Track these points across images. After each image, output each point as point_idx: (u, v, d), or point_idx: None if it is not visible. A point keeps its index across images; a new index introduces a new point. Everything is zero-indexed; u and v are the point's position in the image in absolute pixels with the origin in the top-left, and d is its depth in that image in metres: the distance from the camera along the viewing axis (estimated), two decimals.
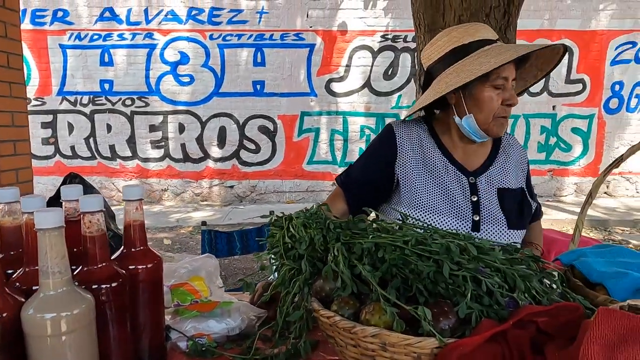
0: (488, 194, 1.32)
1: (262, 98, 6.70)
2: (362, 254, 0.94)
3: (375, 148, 1.44)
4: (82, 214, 0.82)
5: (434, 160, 1.35)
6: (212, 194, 6.94)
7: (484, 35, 1.28)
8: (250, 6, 6.52)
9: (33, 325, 0.72)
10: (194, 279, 1.10)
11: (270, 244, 1.04)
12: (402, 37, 6.58)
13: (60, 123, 6.72)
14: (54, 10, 6.46)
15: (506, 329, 0.77)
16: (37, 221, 0.72)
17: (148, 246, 0.95)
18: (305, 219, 1.02)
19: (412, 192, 1.31)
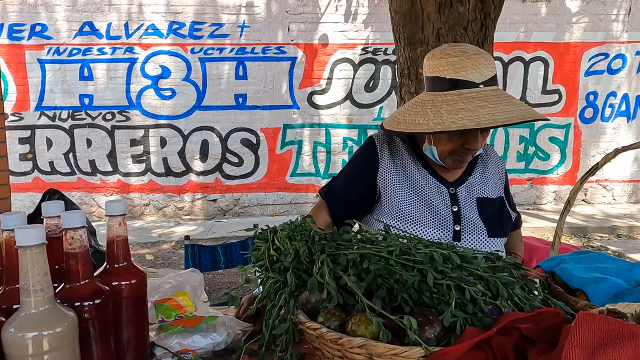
0: (468, 203, 1.35)
1: (244, 111, 6.69)
2: (347, 265, 0.95)
3: (357, 160, 1.47)
4: (64, 230, 0.82)
5: (415, 171, 1.38)
6: (194, 208, 6.87)
7: (468, 76, 1.21)
8: (231, 20, 6.54)
9: (14, 345, 0.71)
10: (179, 294, 1.09)
11: (255, 257, 1.04)
12: (382, 49, 6.67)
13: (39, 139, 6.60)
14: (32, 25, 6.38)
15: (490, 336, 0.78)
16: (18, 238, 0.71)
17: (131, 261, 0.95)
18: (290, 231, 1.03)
19: (394, 203, 1.33)
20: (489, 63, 1.25)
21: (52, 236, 0.92)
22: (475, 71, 1.22)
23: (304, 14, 6.58)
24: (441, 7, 3.13)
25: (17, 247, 0.71)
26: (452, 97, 1.20)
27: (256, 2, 6.53)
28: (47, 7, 6.41)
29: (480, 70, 1.22)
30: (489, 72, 1.23)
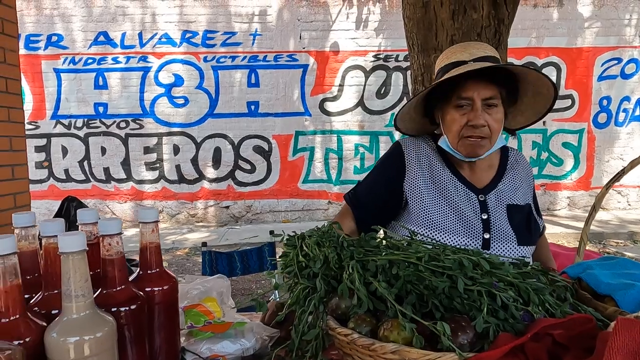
0: (498, 211, 1.31)
1: (256, 118, 6.74)
2: (377, 271, 0.95)
3: (383, 166, 1.45)
4: (101, 236, 0.83)
5: (443, 178, 1.35)
6: (207, 215, 6.91)
7: (458, 57, 1.29)
8: (243, 28, 6.61)
9: (56, 349, 0.72)
10: (207, 300, 1.11)
11: (284, 263, 1.05)
12: (393, 56, 6.69)
13: (54, 147, 6.70)
14: (48, 35, 6.50)
15: (524, 342, 0.78)
16: (61, 245, 0.72)
17: (164, 268, 0.96)
18: (318, 237, 1.03)
19: (423, 211, 1.31)
20: (482, 47, 1.30)
21: (88, 243, 0.93)
22: (465, 52, 1.29)
23: (315, 21, 6.62)
24: (455, 13, 3.14)
25: (59, 253, 0.73)
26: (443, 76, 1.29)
27: (268, 11, 6.59)
28: (63, 17, 6.52)
29: (470, 50, 1.29)
30: (480, 52, 1.28)
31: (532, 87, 1.32)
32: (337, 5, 6.61)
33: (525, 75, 1.29)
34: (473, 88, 1.24)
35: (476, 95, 1.24)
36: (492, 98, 1.25)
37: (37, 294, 0.86)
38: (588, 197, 6.96)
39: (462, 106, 1.26)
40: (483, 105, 1.24)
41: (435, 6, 3.17)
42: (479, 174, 1.37)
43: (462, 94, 1.25)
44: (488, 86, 1.24)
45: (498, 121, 1.26)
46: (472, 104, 1.25)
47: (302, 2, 6.60)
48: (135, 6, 6.54)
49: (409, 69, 6.74)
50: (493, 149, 1.29)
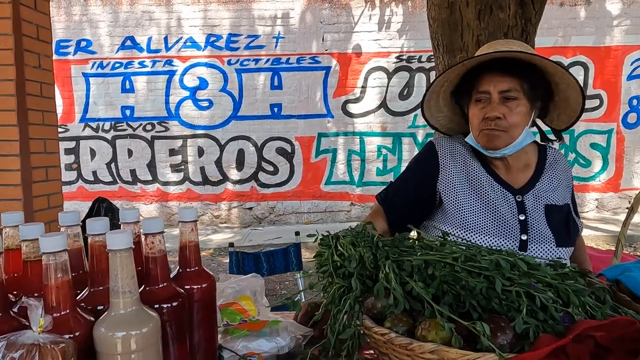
0: (536, 212, 1.28)
1: (279, 120, 6.78)
2: (412, 271, 0.96)
3: (417, 165, 1.43)
4: (144, 235, 0.86)
5: (479, 178, 1.32)
6: (231, 216, 6.98)
7: (483, 51, 1.30)
8: (266, 31, 6.66)
9: (104, 343, 0.75)
10: (242, 298, 1.12)
11: (319, 263, 1.06)
12: (416, 57, 6.66)
13: (83, 149, 6.86)
14: (77, 41, 6.67)
15: (566, 344, 0.77)
16: (109, 243, 0.75)
17: (202, 266, 0.98)
18: (352, 237, 1.04)
19: (458, 211, 1.29)
20: (509, 43, 1.30)
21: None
22: (490, 48, 1.29)
23: (338, 23, 6.64)
24: (481, 13, 3.11)
25: (108, 251, 0.75)
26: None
27: (291, 14, 6.64)
28: (91, 23, 6.69)
29: (496, 47, 1.29)
30: (504, 47, 1.27)
31: (560, 81, 1.28)
32: (360, 7, 6.61)
33: (546, 67, 1.26)
34: (489, 81, 1.25)
35: (492, 88, 1.24)
36: (509, 90, 1.23)
37: (81, 291, 0.89)
38: (617, 199, 6.79)
39: (480, 100, 1.27)
40: (501, 98, 1.24)
41: (460, 6, 3.14)
42: (515, 173, 1.34)
43: (480, 88, 1.26)
44: (505, 79, 1.24)
45: (518, 114, 1.24)
46: (488, 97, 1.25)
47: (324, 4, 6.63)
48: (160, 11, 6.66)
49: (432, 69, 6.72)
50: (518, 143, 1.27)
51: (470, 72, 1.30)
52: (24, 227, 0.83)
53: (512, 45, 1.30)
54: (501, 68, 1.24)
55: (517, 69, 1.23)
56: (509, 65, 1.23)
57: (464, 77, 1.33)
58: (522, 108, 1.24)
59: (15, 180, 2.76)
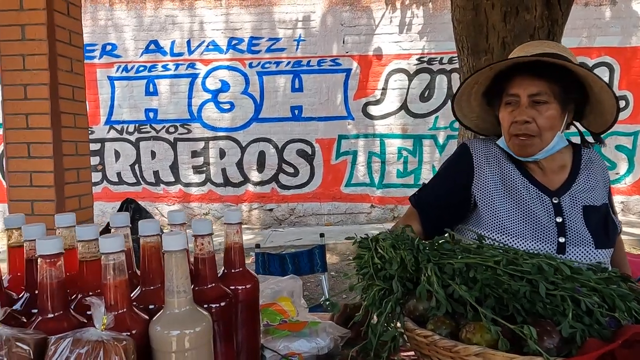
0: (573, 213, 1.26)
1: (300, 122, 6.82)
2: (454, 274, 0.97)
3: (450, 167, 1.43)
4: (195, 237, 0.88)
5: (514, 180, 1.31)
6: (252, 218, 7.04)
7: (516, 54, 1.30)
8: (287, 34, 6.71)
9: (160, 341, 0.77)
10: (281, 299, 1.14)
11: (359, 265, 1.07)
12: (437, 59, 6.63)
13: (108, 151, 6.99)
14: (103, 45, 6.81)
15: (614, 349, 0.77)
16: (165, 244, 0.78)
17: (246, 267, 1.00)
18: (392, 240, 1.05)
19: (493, 214, 1.28)
20: (542, 45, 1.29)
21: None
22: (523, 50, 1.30)
23: (358, 26, 6.65)
24: (506, 15, 3.09)
25: (164, 252, 0.78)
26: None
27: (312, 16, 6.67)
28: (116, 27, 6.82)
29: (529, 49, 1.29)
30: (538, 50, 1.26)
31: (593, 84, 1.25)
32: (381, 9, 6.61)
33: (577, 71, 1.23)
34: (519, 84, 1.24)
35: (522, 91, 1.23)
36: (539, 94, 1.22)
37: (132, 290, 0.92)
38: None
39: (510, 103, 1.27)
40: (531, 102, 1.22)
41: (486, 8, 3.13)
42: (550, 175, 1.32)
43: (510, 91, 1.26)
44: (535, 82, 1.22)
45: (549, 118, 1.23)
46: (517, 101, 1.24)
47: (345, 6, 6.65)
48: (184, 15, 6.76)
49: (454, 71, 6.68)
50: (551, 147, 1.26)
51: (502, 74, 1.29)
52: (80, 229, 0.86)
53: (546, 47, 1.29)
54: (532, 70, 1.23)
55: (548, 72, 1.22)
56: (540, 67, 1.22)
57: (495, 79, 1.32)
58: (552, 112, 1.22)
59: (48, 181, 2.84)
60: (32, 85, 2.79)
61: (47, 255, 0.76)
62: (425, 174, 6.85)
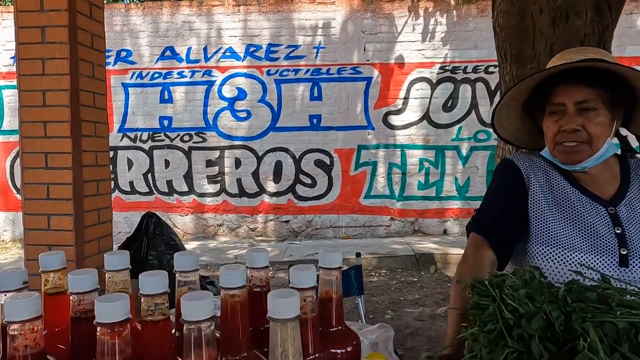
0: (632, 223, 1.19)
1: (318, 132, 6.63)
2: (619, 337, 0.75)
3: (504, 185, 1.33)
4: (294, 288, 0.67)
5: (565, 192, 1.24)
6: (267, 229, 6.83)
7: (556, 62, 1.25)
8: (307, 42, 6.54)
9: None
10: (373, 355, 0.93)
11: (480, 319, 0.85)
12: (461, 68, 6.43)
13: (120, 159, 6.82)
14: (118, 51, 6.66)
15: None
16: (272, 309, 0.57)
17: (345, 324, 0.79)
18: (524, 287, 0.84)
19: (545, 228, 1.21)
20: (584, 51, 1.24)
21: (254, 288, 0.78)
22: (563, 58, 1.24)
23: (380, 33, 6.48)
24: (555, 20, 2.90)
25: (269, 319, 0.57)
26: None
27: (332, 23, 6.50)
28: (131, 33, 6.68)
29: (569, 56, 1.23)
30: (578, 56, 1.20)
31: None
32: (403, 16, 6.43)
33: (625, 74, 1.16)
34: (564, 93, 1.19)
35: (567, 99, 1.18)
36: (586, 101, 1.17)
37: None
38: None
39: (555, 112, 1.22)
40: (578, 110, 1.18)
41: (533, 13, 2.93)
42: (601, 185, 1.25)
43: (554, 100, 1.21)
44: (580, 89, 1.17)
45: (599, 125, 1.18)
46: (564, 109, 1.19)
47: (366, 13, 6.47)
48: (201, 21, 6.61)
49: (477, 81, 6.47)
50: (601, 155, 1.20)
51: (543, 83, 1.24)
52: (145, 279, 0.65)
53: (588, 53, 1.23)
54: (576, 78, 1.18)
55: (594, 78, 1.17)
56: (585, 74, 1.17)
57: (536, 90, 1.26)
58: (602, 118, 1.18)
59: (66, 194, 2.65)
60: (52, 91, 2.61)
61: (109, 324, 0.55)
62: (447, 187, 6.62)
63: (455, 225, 6.67)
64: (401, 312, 4.08)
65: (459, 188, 6.61)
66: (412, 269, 5.41)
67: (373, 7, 6.46)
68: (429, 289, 4.72)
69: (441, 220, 6.69)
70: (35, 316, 0.56)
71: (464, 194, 6.61)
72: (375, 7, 6.46)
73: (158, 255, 3.13)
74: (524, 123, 1.37)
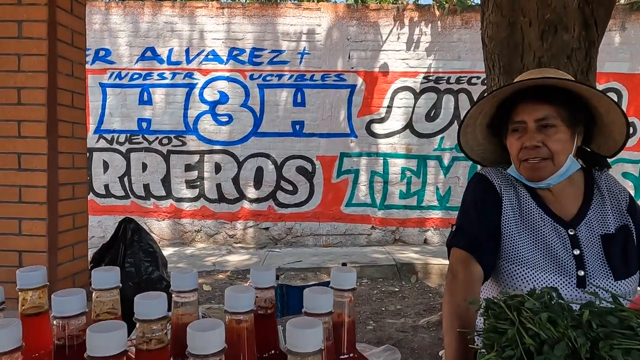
0: (591, 245, 1.21)
1: (301, 138, 6.57)
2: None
3: (480, 199, 1.32)
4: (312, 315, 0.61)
5: (530, 210, 1.27)
6: (246, 236, 6.71)
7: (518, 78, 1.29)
8: (291, 47, 6.49)
9: None
10: None
11: (497, 342, 0.80)
12: (445, 78, 6.47)
13: (96, 161, 6.62)
14: (96, 50, 6.49)
15: None
16: (291, 342, 0.50)
17: (357, 350, 0.73)
18: (544, 309, 0.79)
19: (513, 246, 1.23)
20: (542, 72, 1.28)
21: (259, 310, 0.71)
22: (524, 78, 1.28)
23: (365, 41, 6.47)
24: (544, 34, 2.94)
25: (286, 352, 0.50)
26: None
27: (317, 30, 6.47)
28: (111, 32, 6.51)
29: (529, 76, 1.27)
30: (539, 76, 1.24)
31: (599, 105, 1.23)
32: (388, 25, 6.45)
33: (581, 91, 1.22)
34: (524, 110, 1.22)
35: (527, 117, 1.21)
36: (546, 118, 1.20)
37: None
38: None
39: (517, 130, 1.24)
40: (538, 127, 1.21)
41: (522, 26, 2.96)
42: (564, 204, 1.27)
43: (515, 118, 1.24)
44: (540, 107, 1.21)
45: (559, 141, 1.20)
46: (524, 127, 1.22)
47: (352, 21, 6.46)
48: (183, 22, 6.49)
49: (460, 91, 6.53)
50: (564, 171, 1.22)
51: (506, 102, 1.27)
52: (141, 301, 0.57)
53: (547, 73, 1.28)
54: (536, 96, 1.22)
55: (553, 96, 1.21)
56: (544, 93, 1.21)
57: (499, 108, 1.30)
58: (562, 135, 1.21)
59: (40, 197, 2.51)
60: (28, 89, 2.48)
61: (103, 357, 0.47)
62: (428, 196, 6.64)
63: (436, 235, 6.68)
64: (383, 322, 4.02)
65: (440, 198, 6.64)
66: (394, 278, 5.38)
67: (358, 15, 6.45)
68: (410, 299, 4.69)
69: (422, 230, 6.70)
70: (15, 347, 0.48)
71: (445, 204, 6.63)
72: (360, 14, 6.45)
73: (135, 263, 3.00)
74: (491, 143, 1.38)
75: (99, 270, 0.69)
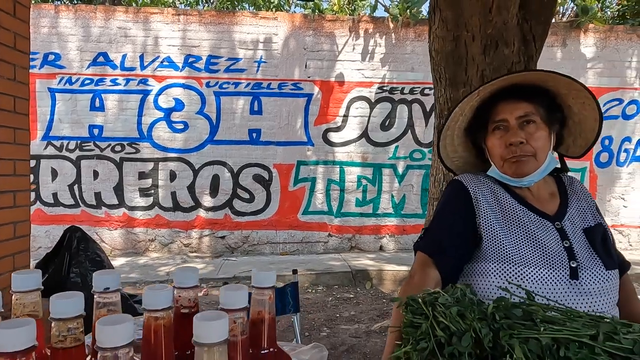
0: (577, 237, 1.24)
1: (257, 146, 6.57)
2: (543, 353, 0.77)
3: (453, 204, 1.34)
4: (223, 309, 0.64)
5: (514, 209, 1.27)
6: (202, 245, 6.63)
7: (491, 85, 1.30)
8: (248, 55, 6.50)
9: None
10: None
11: (412, 336, 0.85)
12: (399, 89, 6.65)
13: (43, 169, 6.39)
14: (45, 54, 6.28)
15: None
16: (198, 332, 0.53)
17: (278, 345, 0.76)
18: (455, 304, 0.85)
19: (497, 245, 1.22)
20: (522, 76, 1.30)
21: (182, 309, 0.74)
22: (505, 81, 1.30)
23: (321, 51, 6.57)
24: (486, 48, 3.08)
25: (194, 343, 0.53)
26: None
27: (274, 39, 6.52)
28: (60, 36, 6.33)
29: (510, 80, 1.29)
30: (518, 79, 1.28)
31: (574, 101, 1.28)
32: (344, 36, 6.57)
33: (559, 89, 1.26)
34: (504, 109, 1.26)
35: (509, 115, 1.24)
36: (527, 115, 1.24)
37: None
38: None
39: (499, 128, 1.27)
40: (519, 124, 1.24)
41: (466, 40, 3.09)
42: (543, 202, 1.30)
43: (496, 117, 1.26)
44: (520, 105, 1.24)
45: (540, 138, 1.24)
46: (506, 125, 1.25)
47: (308, 31, 6.55)
48: (137, 28, 6.39)
49: (414, 102, 6.70)
50: (544, 168, 1.26)
51: (484, 105, 1.30)
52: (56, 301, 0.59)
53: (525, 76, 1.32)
54: (515, 95, 1.25)
55: (530, 95, 1.25)
56: (523, 92, 1.25)
57: (478, 111, 1.32)
58: (542, 132, 1.24)
59: None
60: None
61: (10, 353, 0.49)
62: (384, 204, 6.77)
63: (391, 242, 6.81)
64: (337, 329, 4.07)
65: (395, 205, 6.78)
66: (349, 285, 5.44)
67: (315, 25, 6.55)
68: (364, 305, 4.76)
69: (377, 237, 6.81)
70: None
71: (400, 212, 6.78)
72: (317, 25, 6.55)
73: (81, 273, 2.93)
74: (466, 149, 1.41)
75: (20, 273, 0.69)
